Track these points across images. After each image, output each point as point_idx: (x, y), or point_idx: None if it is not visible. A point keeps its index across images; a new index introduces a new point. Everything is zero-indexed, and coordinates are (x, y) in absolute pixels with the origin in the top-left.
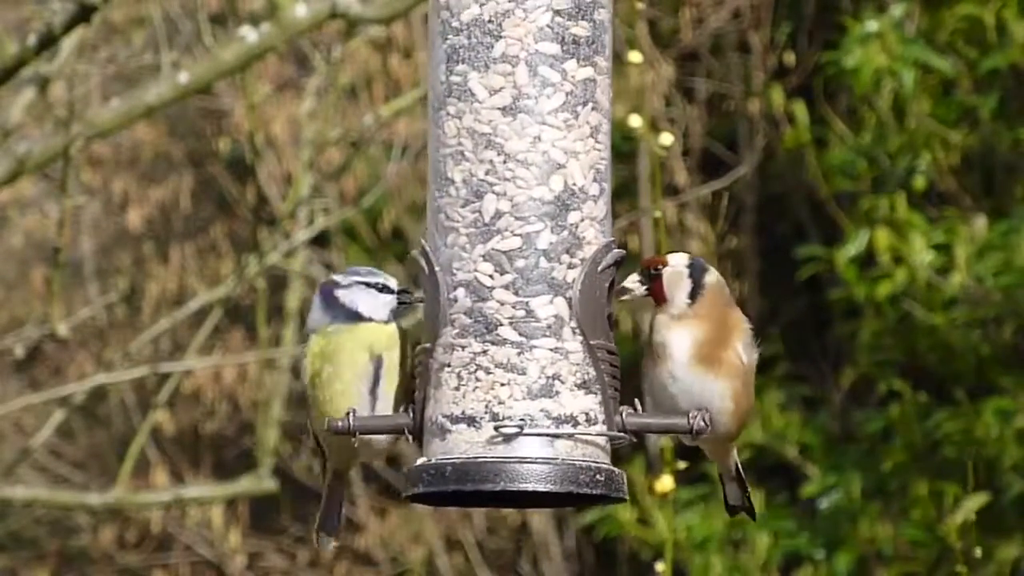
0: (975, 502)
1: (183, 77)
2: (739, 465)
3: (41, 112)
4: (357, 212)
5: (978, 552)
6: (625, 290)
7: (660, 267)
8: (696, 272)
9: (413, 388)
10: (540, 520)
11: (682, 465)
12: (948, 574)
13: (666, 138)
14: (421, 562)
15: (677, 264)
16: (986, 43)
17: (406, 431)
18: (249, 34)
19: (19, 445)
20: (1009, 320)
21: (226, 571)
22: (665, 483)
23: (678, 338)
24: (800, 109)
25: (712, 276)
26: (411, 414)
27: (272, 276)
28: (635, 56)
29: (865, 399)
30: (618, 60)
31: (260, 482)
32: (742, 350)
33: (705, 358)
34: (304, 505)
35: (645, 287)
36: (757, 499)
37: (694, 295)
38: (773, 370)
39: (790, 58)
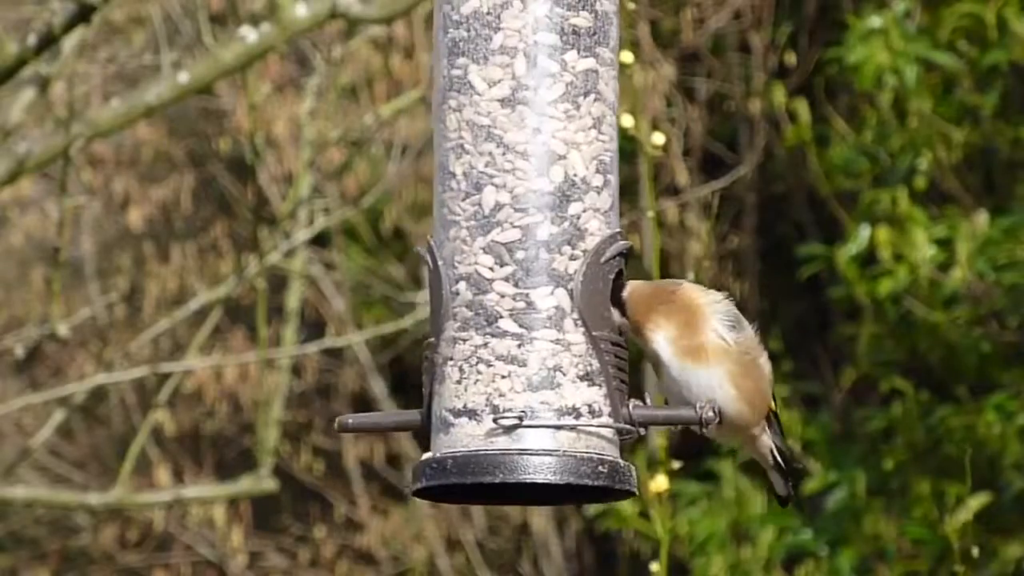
0: (977, 501)
1: (183, 77)
2: (776, 452)
3: (41, 112)
4: (357, 212)
5: (975, 552)
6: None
7: (622, 296)
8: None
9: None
10: (540, 520)
11: (676, 465)
12: (950, 572)
13: (658, 138)
14: (422, 561)
15: (630, 288)
16: (987, 41)
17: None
18: (249, 34)
19: (19, 445)
20: (1012, 316)
21: (227, 571)
22: (660, 483)
23: (657, 344)
24: (802, 107)
25: (627, 287)
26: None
27: (272, 276)
28: (627, 56)
29: (866, 399)
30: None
31: (260, 482)
32: (721, 328)
33: (687, 350)
34: (304, 504)
35: (623, 320)
36: (759, 496)
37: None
38: (775, 368)
39: (791, 58)
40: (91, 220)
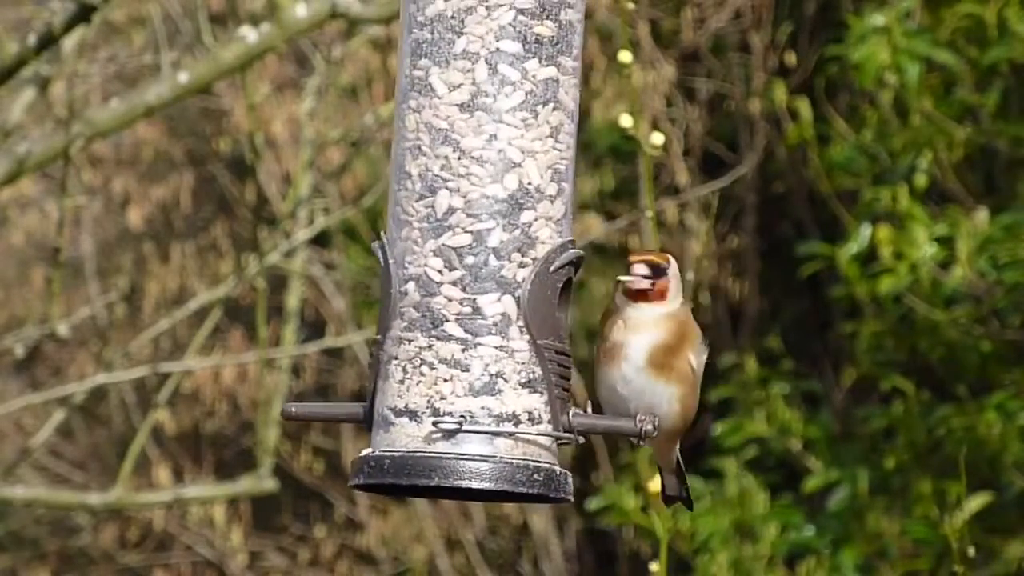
0: (976, 502)
1: (183, 77)
2: (680, 459)
3: (41, 112)
4: (357, 212)
5: (971, 552)
6: (626, 280)
7: (666, 264)
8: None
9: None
10: (540, 520)
11: (654, 451)
12: (951, 572)
13: (657, 138)
14: (422, 561)
15: (675, 264)
16: (987, 41)
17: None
18: (249, 34)
19: (19, 445)
20: (1013, 315)
21: (227, 570)
22: (657, 483)
23: (637, 340)
24: (803, 105)
25: (673, 266)
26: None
27: (272, 276)
28: (625, 56)
29: (866, 399)
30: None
31: (260, 482)
32: (692, 358)
33: (658, 365)
34: (304, 504)
35: (651, 281)
36: (762, 495)
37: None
38: (777, 367)
39: (791, 58)
40: (91, 220)
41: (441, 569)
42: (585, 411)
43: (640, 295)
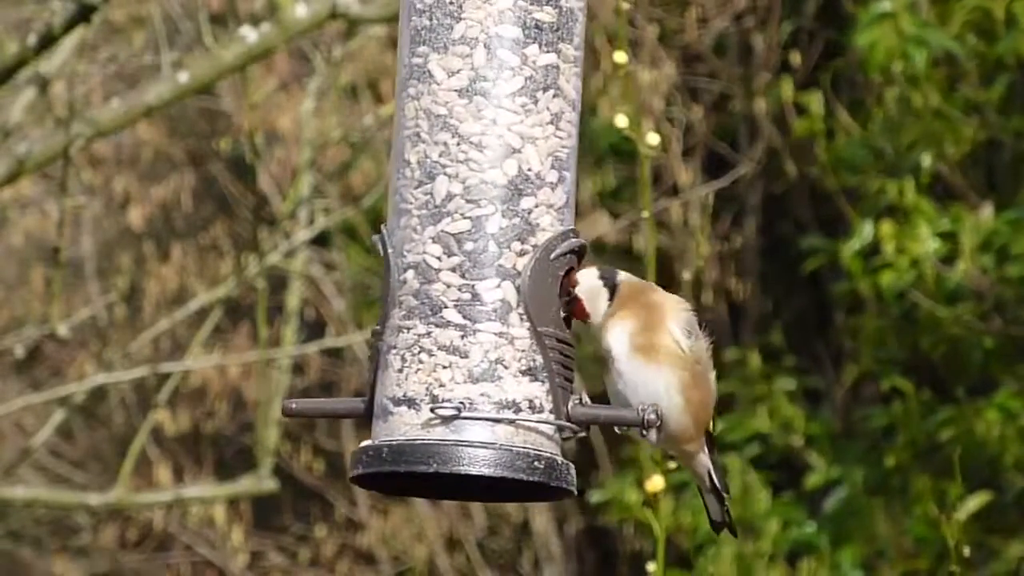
0: (975, 501)
1: (183, 77)
2: (713, 472)
3: (41, 112)
4: (357, 212)
5: (966, 551)
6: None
7: (572, 289)
8: (608, 278)
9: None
10: (541, 520)
11: (673, 464)
12: (950, 572)
13: (653, 138)
14: (422, 561)
15: (588, 278)
16: (994, 35)
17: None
18: (249, 34)
19: (19, 445)
20: (1020, 309)
21: (227, 570)
22: (656, 483)
23: (613, 336)
24: (813, 99)
25: (622, 275)
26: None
27: (272, 276)
28: (620, 56)
29: (866, 398)
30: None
31: (260, 482)
32: (678, 333)
33: (641, 347)
34: (305, 504)
35: (565, 314)
36: (764, 492)
37: (612, 298)
38: (776, 366)
39: (795, 58)
40: (91, 220)
41: (441, 569)
42: (582, 400)
43: (580, 319)
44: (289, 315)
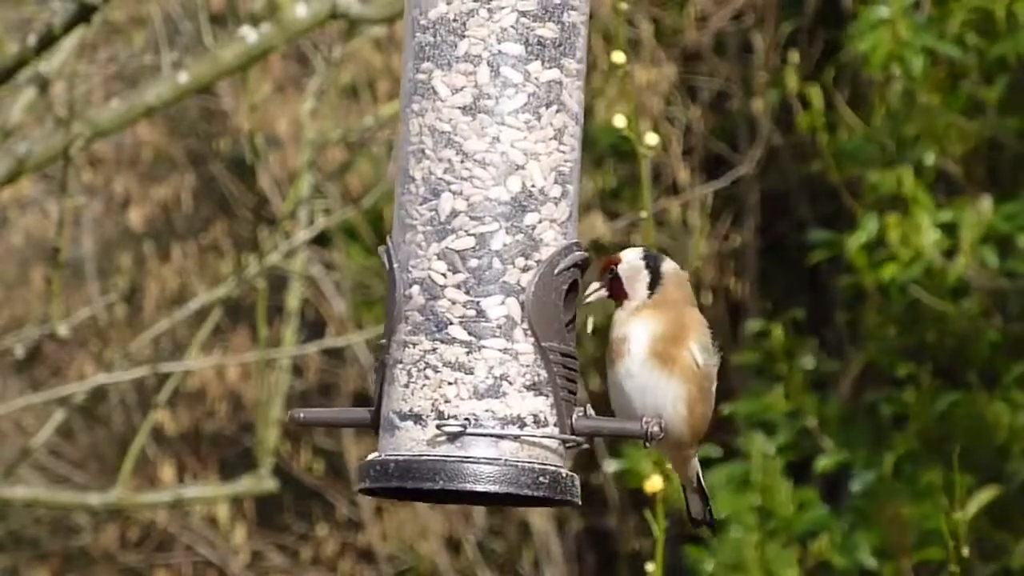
0: (984, 495)
1: (183, 77)
2: (700, 475)
3: (41, 112)
4: (357, 212)
5: (966, 552)
6: (586, 297)
7: (615, 266)
8: (652, 262)
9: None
10: (541, 520)
11: (671, 464)
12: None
13: (651, 138)
14: (423, 561)
15: (632, 259)
16: (995, 35)
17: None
18: (249, 34)
19: (19, 445)
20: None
21: (228, 570)
22: (655, 483)
23: (637, 331)
24: (815, 92)
25: (669, 264)
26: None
27: (272, 276)
28: (618, 56)
29: (866, 397)
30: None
31: (260, 482)
32: (697, 352)
33: (660, 355)
34: (306, 503)
35: (605, 290)
36: (785, 485)
37: (653, 285)
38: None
39: (794, 57)
40: (91, 220)
41: (441, 569)
42: (586, 412)
43: (616, 299)
44: (289, 315)
